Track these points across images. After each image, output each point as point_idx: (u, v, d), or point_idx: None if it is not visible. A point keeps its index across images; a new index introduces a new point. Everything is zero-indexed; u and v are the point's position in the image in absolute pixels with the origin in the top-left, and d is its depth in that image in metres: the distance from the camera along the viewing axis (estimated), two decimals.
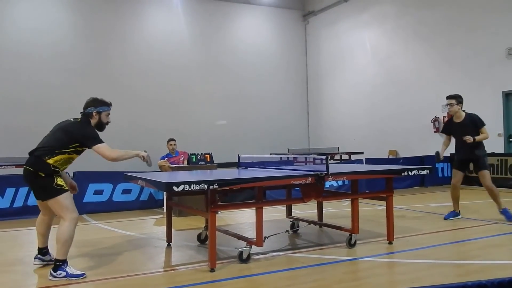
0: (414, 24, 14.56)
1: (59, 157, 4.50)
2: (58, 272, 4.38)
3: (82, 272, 4.45)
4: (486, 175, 6.74)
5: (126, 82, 16.11)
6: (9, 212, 7.92)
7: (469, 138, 6.59)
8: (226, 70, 17.95)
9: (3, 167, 11.20)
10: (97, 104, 4.88)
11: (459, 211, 7.09)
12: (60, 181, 4.50)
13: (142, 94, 16.42)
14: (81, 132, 4.62)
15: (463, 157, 6.95)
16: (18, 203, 8.01)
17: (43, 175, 4.42)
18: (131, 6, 16.48)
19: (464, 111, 6.95)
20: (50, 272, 4.42)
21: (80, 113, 4.94)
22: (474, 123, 6.80)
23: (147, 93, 16.45)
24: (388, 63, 15.61)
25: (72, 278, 4.35)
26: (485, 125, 6.83)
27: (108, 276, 4.43)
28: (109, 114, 4.96)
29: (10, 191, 8.00)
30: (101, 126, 4.91)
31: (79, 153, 4.70)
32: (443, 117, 13.60)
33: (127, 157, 4.74)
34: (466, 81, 12.43)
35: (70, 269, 4.42)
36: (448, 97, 6.95)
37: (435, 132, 13.80)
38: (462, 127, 6.85)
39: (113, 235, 6.42)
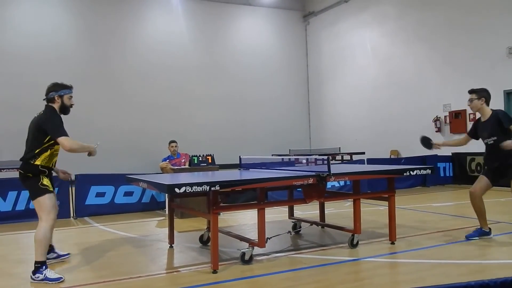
0: (414, 24, 14.55)
1: (43, 156, 4.64)
2: (37, 275, 4.38)
3: (60, 276, 4.39)
4: None
5: (127, 85, 16.15)
6: (11, 215, 7.93)
7: (507, 145, 5.20)
8: (226, 72, 17.97)
9: (5, 170, 11.21)
10: (58, 88, 5.04)
11: (489, 228, 5.71)
12: (46, 181, 4.62)
13: (143, 96, 16.45)
14: (47, 124, 4.68)
15: (491, 165, 5.62)
16: (20, 206, 8.02)
17: (31, 175, 4.59)
18: (131, 9, 16.52)
19: (491, 109, 5.65)
20: (30, 275, 4.42)
21: (43, 99, 5.03)
22: (498, 121, 5.42)
23: (148, 95, 16.48)
24: (389, 63, 15.60)
25: (49, 282, 4.32)
26: None
27: (111, 278, 4.43)
28: (71, 97, 5.11)
29: (12, 194, 8.01)
30: (65, 109, 5.02)
31: (55, 144, 4.72)
32: (445, 117, 13.60)
33: (83, 150, 4.87)
34: (467, 81, 12.40)
35: (48, 272, 4.39)
36: (469, 91, 5.74)
37: (436, 132, 13.79)
38: (485, 128, 5.60)
39: (115, 237, 6.42)
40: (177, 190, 4.14)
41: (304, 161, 9.54)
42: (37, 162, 4.60)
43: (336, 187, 9.84)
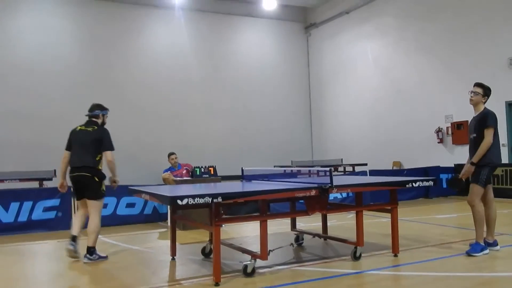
0: (416, 35, 14.61)
1: (100, 163, 5.74)
2: (93, 255, 5.59)
3: (106, 255, 5.73)
4: (472, 190, 5.47)
5: (130, 96, 16.21)
6: (13, 227, 7.92)
7: (462, 175, 5.47)
8: (228, 83, 18.03)
9: (7, 181, 11.25)
10: (103, 108, 6.08)
11: (494, 240, 5.61)
12: (104, 187, 5.75)
13: (146, 107, 16.50)
14: (107, 136, 5.81)
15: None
16: (23, 217, 8.01)
17: (97, 179, 5.67)
18: (134, 21, 16.64)
19: (485, 107, 5.62)
20: (86, 256, 5.54)
21: (86, 115, 6.04)
22: (482, 119, 5.47)
23: (150, 106, 16.53)
24: (391, 74, 15.64)
25: (102, 259, 5.63)
26: (492, 126, 5.40)
27: None
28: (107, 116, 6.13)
29: (14, 205, 8.01)
30: (103, 125, 6.05)
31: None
32: (447, 127, 13.59)
33: (113, 171, 5.89)
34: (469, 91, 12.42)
35: (99, 253, 5.67)
36: (475, 84, 5.68)
37: (438, 143, 13.77)
38: (472, 122, 5.68)
39: (117, 249, 6.40)
40: (179, 202, 4.14)
41: (307, 172, 9.53)
42: (100, 167, 5.72)
43: (338, 199, 9.81)
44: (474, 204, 5.44)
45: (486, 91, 5.63)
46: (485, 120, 5.44)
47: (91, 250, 5.58)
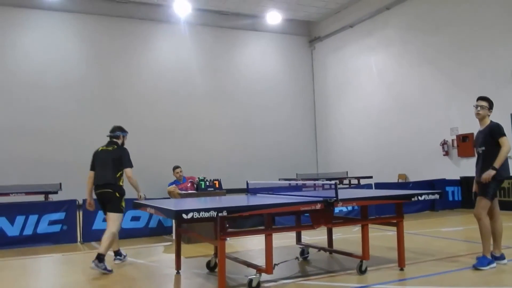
0: (419, 48, 14.66)
1: (121, 179, 6.18)
2: (101, 264, 5.72)
3: (111, 269, 5.80)
4: (479, 203, 5.44)
5: (134, 111, 16.32)
6: (18, 240, 7.92)
7: (484, 178, 5.34)
8: (233, 97, 18.12)
9: (13, 194, 11.29)
10: (123, 130, 6.61)
11: (501, 254, 5.56)
12: (123, 204, 6.15)
13: (151, 122, 16.58)
14: (126, 155, 6.27)
15: (476, 177, 5.61)
16: (28, 230, 8.01)
17: (118, 195, 6.09)
18: (139, 36, 16.81)
19: (491, 120, 5.64)
20: (95, 262, 5.68)
21: (107, 136, 6.54)
22: (490, 132, 5.47)
23: (155, 121, 16.61)
24: (395, 87, 15.67)
25: (106, 272, 5.68)
26: (504, 135, 5.39)
27: None
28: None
29: (20, 219, 8.01)
30: (123, 145, 6.55)
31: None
32: (452, 140, 13.56)
33: (136, 188, 6.29)
34: (473, 104, 12.40)
35: (106, 265, 5.78)
36: (479, 98, 5.67)
37: (444, 155, 13.73)
38: (479, 136, 5.64)
39: (122, 263, 6.38)
40: (184, 216, 4.14)
41: (312, 186, 9.51)
42: (121, 183, 6.15)
43: (343, 212, 9.76)
44: (481, 217, 5.40)
45: (491, 104, 5.64)
46: (495, 132, 5.43)
47: (100, 257, 5.77)
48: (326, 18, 18.75)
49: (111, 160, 6.18)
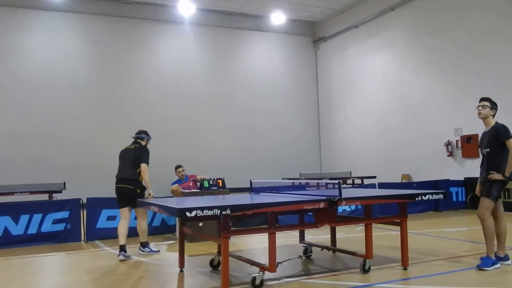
0: (424, 49, 14.64)
1: (140, 176, 6.69)
2: (146, 249, 6.84)
3: (158, 250, 6.92)
4: (482, 204, 5.42)
5: (138, 111, 16.35)
6: (23, 239, 7.95)
7: (491, 176, 5.33)
8: (237, 97, 18.14)
9: (17, 194, 11.33)
10: (148, 134, 7.26)
11: (505, 254, 5.53)
12: (146, 196, 6.67)
13: (154, 123, 16.55)
14: (145, 153, 6.88)
15: (480, 178, 5.61)
16: (32, 229, 8.04)
17: (139, 191, 6.68)
18: (142, 38, 16.84)
19: (496, 121, 5.60)
20: (140, 248, 6.85)
21: (133, 137, 7.18)
22: (495, 134, 5.42)
23: (158, 122, 16.63)
24: (399, 88, 15.64)
25: (153, 253, 6.78)
26: (511, 138, 5.33)
27: None
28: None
29: (24, 218, 8.04)
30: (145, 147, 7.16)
31: None
32: (456, 141, 13.53)
33: (147, 184, 6.75)
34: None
35: (151, 246, 6.92)
36: (481, 99, 5.63)
37: (448, 156, 13.70)
38: (484, 138, 5.62)
39: (126, 261, 6.41)
40: (188, 214, 4.15)
41: (315, 185, 9.50)
42: (140, 179, 6.70)
43: (347, 211, 9.76)
44: (485, 218, 5.38)
45: (494, 105, 5.61)
46: (501, 133, 5.39)
47: (143, 244, 6.82)
48: (330, 19, 18.74)
49: (132, 157, 6.78)
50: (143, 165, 6.66)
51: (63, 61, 15.73)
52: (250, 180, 6.57)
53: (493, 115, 5.61)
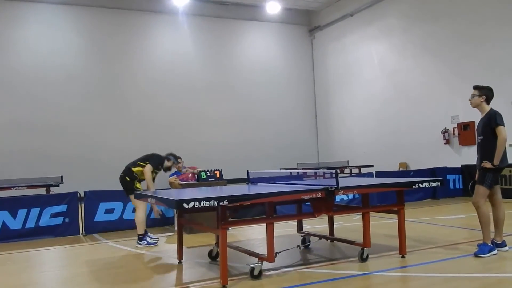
0: (422, 37, 14.58)
1: (136, 169, 7.13)
2: (142, 241, 6.83)
3: (156, 240, 6.99)
4: (477, 191, 5.46)
5: (135, 104, 16.30)
6: (21, 233, 7.95)
7: (484, 165, 5.38)
8: (233, 87, 18.08)
9: (15, 188, 11.31)
10: (175, 156, 7.99)
11: (502, 241, 5.57)
12: (138, 185, 7.09)
13: (152, 114, 16.58)
14: (156, 159, 7.35)
15: (476, 165, 5.62)
16: (30, 224, 8.03)
17: (128, 179, 7.07)
18: (139, 29, 16.74)
19: (491, 108, 5.58)
20: (137, 241, 6.85)
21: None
22: (489, 121, 5.45)
23: (156, 113, 16.60)
24: (397, 76, 15.61)
25: (151, 245, 6.83)
26: (501, 125, 5.36)
27: None
28: (174, 166, 8.03)
29: (22, 212, 8.03)
30: (167, 169, 7.79)
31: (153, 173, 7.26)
32: (453, 128, 13.54)
33: (148, 184, 7.06)
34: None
35: (148, 238, 6.92)
36: (473, 87, 5.66)
37: (445, 144, 13.72)
38: (479, 125, 5.63)
39: (124, 254, 6.42)
40: (185, 205, 4.15)
41: (312, 174, 9.50)
42: (135, 173, 7.07)
43: (345, 201, 9.78)
44: (479, 205, 5.41)
45: (483, 91, 5.57)
46: (492, 120, 5.40)
47: (140, 237, 6.84)
48: (326, 7, 18.64)
49: (141, 157, 7.31)
50: (147, 166, 7.03)
51: (60, 53, 15.64)
52: (248, 171, 6.57)
53: (486, 101, 5.57)
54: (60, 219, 8.25)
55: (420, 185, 5.54)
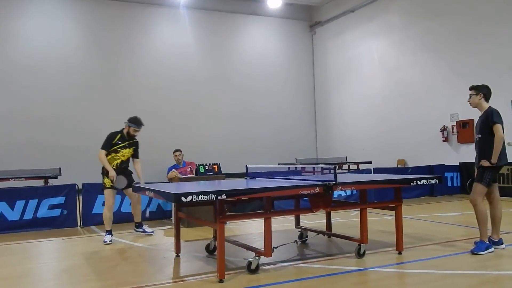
0: (421, 34, 14.55)
1: (110, 159, 6.93)
2: (104, 238, 6.67)
3: (111, 240, 6.66)
4: (475, 188, 5.50)
5: (134, 97, 16.25)
6: (19, 224, 7.95)
7: (482, 163, 5.44)
8: (233, 82, 18.04)
9: (13, 179, 11.30)
10: (131, 121, 7.14)
11: (499, 239, 5.58)
12: (105, 181, 6.83)
13: (150, 107, 16.51)
14: (106, 138, 7.01)
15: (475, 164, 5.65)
16: (28, 215, 8.04)
17: (102, 174, 6.93)
18: (138, 22, 16.67)
19: (489, 106, 5.59)
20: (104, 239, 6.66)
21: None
22: (486, 119, 5.46)
23: (155, 106, 16.55)
24: (396, 73, 15.59)
25: (106, 242, 6.57)
26: (499, 123, 5.38)
27: (117, 287, 4.43)
28: (136, 130, 7.12)
29: (20, 204, 8.03)
30: (129, 136, 7.13)
31: (114, 152, 6.98)
32: (452, 126, 13.55)
33: (104, 166, 6.86)
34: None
35: (105, 236, 6.70)
36: (469, 88, 5.71)
37: (444, 141, 13.73)
38: (478, 123, 5.64)
39: (121, 246, 6.43)
40: (183, 199, 4.15)
41: (311, 170, 9.51)
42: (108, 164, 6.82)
43: (342, 197, 9.80)
44: (477, 203, 5.44)
45: (480, 90, 5.60)
46: (489, 118, 5.42)
47: (106, 232, 6.77)
48: (327, 3, 18.58)
49: None
50: (99, 150, 6.89)
51: (58, 45, 15.57)
52: (246, 166, 6.57)
53: (484, 99, 5.59)
54: (58, 211, 8.25)
55: (418, 182, 5.54)
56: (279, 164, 15.15)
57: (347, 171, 13.70)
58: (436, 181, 5.78)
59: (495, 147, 5.34)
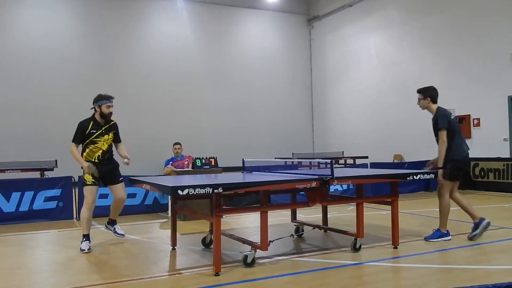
0: (419, 29, 14.55)
1: (84, 152, 5.94)
2: (82, 244, 5.69)
3: (88, 247, 5.64)
4: (440, 183, 5.82)
5: (132, 89, 16.20)
6: (14, 216, 7.95)
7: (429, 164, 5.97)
8: (230, 75, 18.01)
9: (9, 171, 11.28)
10: (97, 99, 5.96)
11: (446, 230, 5.91)
12: (86, 177, 5.88)
13: (148, 100, 16.50)
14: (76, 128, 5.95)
15: None
16: (24, 207, 8.03)
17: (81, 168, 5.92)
18: (137, 13, 16.59)
19: (438, 106, 5.92)
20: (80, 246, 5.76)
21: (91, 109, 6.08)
22: (435, 122, 5.83)
23: (153, 99, 16.52)
24: (394, 68, 15.59)
25: (81, 250, 5.64)
26: (443, 128, 5.70)
27: (113, 280, 4.43)
28: (109, 105, 5.96)
29: (15, 195, 8.03)
30: (104, 116, 5.96)
31: (91, 143, 5.93)
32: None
33: (75, 159, 5.95)
34: (472, 87, 12.39)
35: (82, 244, 5.69)
36: (416, 91, 6.03)
37: None
38: (432, 125, 5.96)
39: (118, 239, 6.42)
40: (180, 192, 4.14)
41: (307, 164, 9.51)
42: (84, 157, 5.90)
43: (339, 191, 9.82)
44: (441, 195, 5.83)
45: (426, 93, 5.93)
46: (436, 122, 5.78)
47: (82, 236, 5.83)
48: None
49: None
50: (71, 143, 5.87)
51: (56, 36, 15.49)
52: (243, 159, 6.57)
53: (432, 101, 5.93)
54: (54, 203, 8.25)
55: (414, 177, 5.56)
56: (276, 158, 15.15)
57: (343, 165, 13.71)
58: (432, 176, 5.80)
59: (439, 152, 5.70)
